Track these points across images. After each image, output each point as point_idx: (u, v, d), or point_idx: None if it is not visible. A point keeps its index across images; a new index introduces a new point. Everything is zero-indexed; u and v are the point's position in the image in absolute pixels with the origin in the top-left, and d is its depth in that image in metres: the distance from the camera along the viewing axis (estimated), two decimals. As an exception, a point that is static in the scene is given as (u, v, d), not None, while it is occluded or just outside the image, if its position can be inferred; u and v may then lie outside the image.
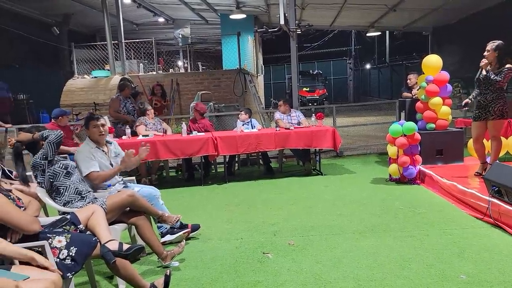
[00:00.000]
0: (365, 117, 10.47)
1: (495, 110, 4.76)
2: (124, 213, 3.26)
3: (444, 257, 3.24)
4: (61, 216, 2.70)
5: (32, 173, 3.13)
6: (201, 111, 7.04)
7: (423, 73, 6.09)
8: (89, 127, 3.65)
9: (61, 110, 6.39)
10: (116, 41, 11.55)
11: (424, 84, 5.92)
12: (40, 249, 2.25)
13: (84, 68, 12.54)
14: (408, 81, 7.16)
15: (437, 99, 5.89)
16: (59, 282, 2.02)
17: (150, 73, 12.23)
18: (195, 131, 6.61)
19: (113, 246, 2.52)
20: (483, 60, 4.74)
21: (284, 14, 6.77)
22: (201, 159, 6.62)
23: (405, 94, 7.14)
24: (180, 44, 15.80)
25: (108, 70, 11.71)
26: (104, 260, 2.50)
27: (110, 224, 2.99)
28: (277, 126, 6.68)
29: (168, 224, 3.65)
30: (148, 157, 5.97)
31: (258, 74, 15.48)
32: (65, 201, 3.10)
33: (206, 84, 11.64)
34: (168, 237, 3.81)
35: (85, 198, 3.17)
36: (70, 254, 2.33)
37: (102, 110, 9.35)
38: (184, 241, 3.59)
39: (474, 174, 5.13)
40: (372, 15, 12.95)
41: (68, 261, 2.31)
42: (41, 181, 3.07)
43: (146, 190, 3.75)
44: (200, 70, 14.24)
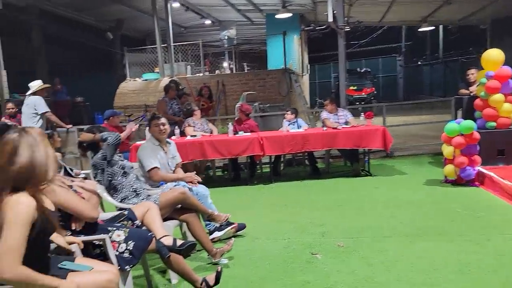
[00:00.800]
0: (417, 116, 10.06)
1: None
2: (176, 210, 3.35)
3: (509, 263, 3.04)
4: (119, 212, 2.83)
5: (92, 172, 3.30)
6: (246, 112, 7.08)
7: (483, 69, 5.75)
8: (151, 126, 3.90)
9: (112, 111, 6.69)
10: (165, 44, 11.93)
11: (484, 80, 5.58)
12: (101, 242, 2.36)
13: (135, 71, 13.07)
14: (471, 76, 6.71)
15: (499, 96, 5.53)
16: (118, 274, 2.11)
17: (197, 75, 12.51)
18: (241, 131, 6.66)
19: (168, 242, 2.60)
20: None
21: (333, 11, 6.66)
22: (247, 159, 6.67)
23: (462, 91, 6.75)
24: (226, 46, 16.03)
25: (158, 73, 12.12)
26: (159, 255, 2.59)
27: (163, 221, 3.08)
28: (324, 126, 6.58)
29: (217, 223, 3.71)
30: (196, 157, 6.13)
31: (304, 74, 15.36)
32: (122, 198, 3.26)
33: (251, 85, 11.72)
34: (216, 234, 3.87)
35: (140, 195, 3.31)
36: (128, 248, 2.43)
37: (153, 112, 9.66)
38: (233, 239, 3.63)
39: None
40: (425, 9, 12.40)
41: (127, 255, 2.41)
42: (100, 180, 3.25)
43: (196, 189, 3.84)
44: (245, 71, 14.37)
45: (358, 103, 16.72)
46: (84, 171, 4.96)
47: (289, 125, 6.83)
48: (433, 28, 16.97)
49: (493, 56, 5.63)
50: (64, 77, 13.99)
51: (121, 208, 3.09)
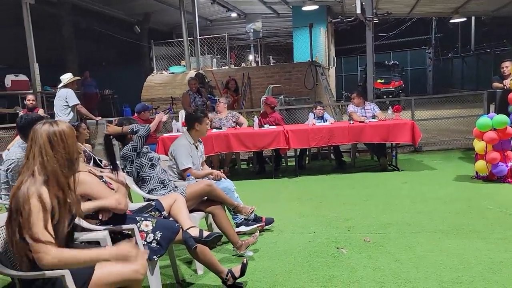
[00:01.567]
0: (446, 110, 9.75)
1: None
2: (202, 202, 3.39)
3: (543, 264, 2.93)
4: (147, 203, 2.88)
5: (121, 163, 3.37)
6: (272, 105, 7.05)
7: (517, 61, 5.51)
8: (202, 123, 3.93)
9: (143, 106, 6.70)
10: (192, 38, 12.01)
11: (519, 73, 5.36)
12: (130, 232, 2.42)
13: (162, 64, 13.23)
14: (505, 69, 6.44)
15: (534, 90, 5.30)
16: (146, 264, 2.15)
17: (223, 68, 12.56)
18: (267, 125, 6.65)
19: (194, 233, 2.63)
20: None
21: (361, 3, 6.53)
22: (272, 152, 6.66)
23: (496, 85, 6.51)
24: (252, 38, 16.01)
25: (184, 66, 12.23)
26: (186, 245, 2.63)
27: (189, 212, 3.13)
28: (351, 120, 6.49)
29: (243, 215, 3.73)
30: (221, 149, 6.17)
31: (330, 66, 15.17)
32: (150, 189, 3.32)
33: (277, 78, 11.67)
34: (243, 228, 3.89)
35: (167, 187, 3.36)
36: (156, 238, 2.47)
37: (179, 104, 9.79)
38: (258, 232, 3.64)
39: None
40: (457, 0, 11.98)
41: (154, 245, 2.46)
42: (129, 171, 3.32)
43: (222, 183, 3.86)
44: (271, 64, 14.31)
45: (386, 97, 16.40)
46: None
47: (315, 119, 6.76)
48: (465, 20, 16.38)
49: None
50: (93, 70, 14.33)
51: (149, 199, 3.15)
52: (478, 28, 20.54)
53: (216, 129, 6.49)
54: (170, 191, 3.29)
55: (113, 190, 2.60)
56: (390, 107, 6.62)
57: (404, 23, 21.66)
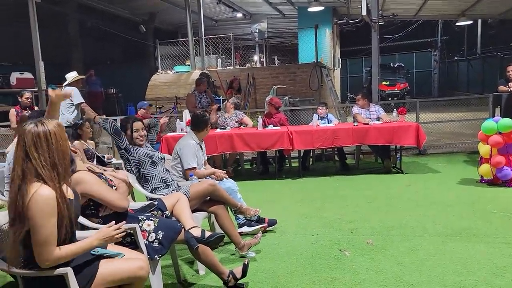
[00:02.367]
0: (452, 113, 9.70)
1: None
2: (205, 202, 3.38)
3: (548, 270, 2.90)
4: (149, 202, 2.88)
5: (122, 163, 3.39)
6: (276, 105, 7.04)
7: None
8: (209, 126, 4.06)
9: (144, 103, 7.04)
10: (197, 37, 12.03)
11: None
12: (132, 231, 2.42)
13: (167, 64, 13.26)
14: (511, 73, 6.40)
15: (541, 93, 5.26)
16: (148, 263, 2.15)
17: (228, 68, 12.56)
18: (271, 125, 6.64)
19: (196, 233, 2.63)
20: None
21: (367, 4, 6.50)
22: (276, 153, 6.65)
23: (502, 88, 6.47)
24: (257, 39, 16.02)
25: (189, 66, 12.25)
26: (188, 245, 2.63)
27: (192, 212, 3.12)
28: (355, 121, 6.46)
29: (246, 216, 3.72)
30: (225, 149, 6.17)
31: (335, 68, 15.14)
32: (152, 188, 3.32)
33: (282, 78, 11.66)
34: (245, 229, 3.89)
35: (170, 186, 3.36)
36: (158, 238, 2.47)
37: (183, 104, 9.80)
38: (261, 233, 3.63)
39: None
40: (464, 3, 11.90)
41: (156, 244, 2.46)
42: (129, 169, 3.32)
43: (226, 183, 3.86)
44: (276, 64, 14.31)
45: (391, 99, 16.34)
46: (117, 161, 5.11)
47: (319, 120, 6.75)
48: (471, 22, 16.27)
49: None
50: (98, 69, 14.37)
51: (152, 198, 3.15)
52: (485, 31, 20.41)
53: (220, 128, 6.49)
54: (173, 191, 3.29)
55: (114, 187, 2.61)
56: (395, 109, 6.59)
57: (410, 25, 21.56)
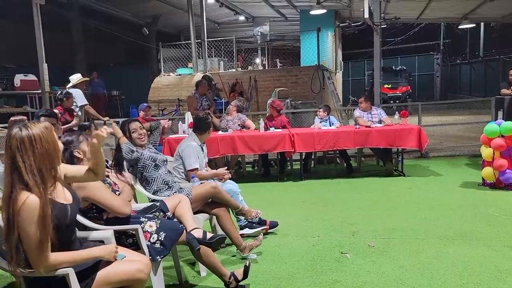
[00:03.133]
0: (454, 116, 9.70)
1: None
2: (206, 204, 3.39)
3: (550, 273, 2.89)
4: (152, 203, 2.89)
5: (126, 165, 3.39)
6: (278, 108, 7.05)
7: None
8: (207, 131, 4.07)
9: (143, 104, 7.27)
10: (199, 40, 12.06)
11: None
12: (134, 232, 2.43)
13: (170, 66, 13.29)
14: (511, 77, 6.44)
15: (543, 97, 5.26)
16: (149, 264, 2.16)
17: (230, 71, 12.59)
18: (273, 128, 6.65)
19: (198, 234, 2.63)
20: None
21: (369, 7, 6.51)
22: (277, 155, 6.65)
23: (504, 91, 6.48)
24: (259, 42, 16.05)
25: (191, 68, 12.27)
26: (189, 247, 2.63)
27: (194, 214, 3.13)
28: (357, 124, 6.47)
29: (248, 218, 3.73)
30: (227, 152, 6.17)
31: (337, 71, 15.15)
32: (154, 190, 3.33)
33: (284, 81, 11.68)
34: (247, 231, 3.89)
35: (172, 188, 3.37)
36: (160, 239, 2.48)
37: (185, 106, 9.81)
38: (262, 235, 3.64)
39: None
40: (467, 6, 11.91)
41: (158, 245, 2.46)
42: (132, 171, 3.32)
43: (227, 185, 3.87)
44: (278, 67, 14.33)
45: (392, 102, 16.33)
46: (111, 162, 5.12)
47: (321, 122, 6.75)
48: (474, 26, 16.27)
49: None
50: (101, 71, 14.42)
51: (154, 200, 3.16)
52: (487, 34, 20.39)
53: (222, 131, 6.51)
54: (175, 193, 3.30)
55: (118, 192, 2.62)
56: (397, 112, 6.59)
57: (412, 28, 21.58)
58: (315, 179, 6.41)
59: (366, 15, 6.48)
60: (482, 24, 19.57)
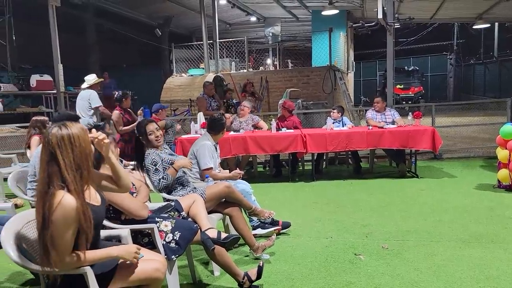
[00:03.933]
0: (467, 117, 9.58)
1: None
2: (220, 204, 3.40)
3: None
4: (167, 203, 2.91)
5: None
6: (289, 109, 7.04)
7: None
8: (220, 132, 4.11)
9: (160, 105, 6.96)
10: (211, 41, 12.12)
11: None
12: (149, 231, 2.45)
13: (182, 67, 13.39)
14: None
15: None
16: (166, 263, 2.18)
17: (241, 71, 12.62)
18: (284, 128, 6.64)
19: (212, 234, 2.65)
20: None
21: (382, 7, 6.47)
22: (289, 156, 6.64)
23: (520, 92, 6.37)
24: (270, 42, 16.06)
25: (203, 69, 12.34)
26: (204, 246, 2.65)
27: (207, 214, 3.15)
28: (369, 125, 6.43)
29: (260, 219, 3.73)
30: (238, 152, 6.19)
31: (349, 71, 15.08)
32: (169, 190, 3.35)
33: (295, 82, 11.67)
34: (259, 231, 3.89)
35: (186, 188, 3.39)
36: (175, 238, 2.50)
37: (196, 107, 9.86)
38: (275, 235, 3.64)
39: None
40: (481, 6, 11.76)
41: (173, 245, 2.49)
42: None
43: (240, 186, 3.88)
44: (289, 68, 14.31)
45: (405, 102, 16.19)
46: (132, 162, 5.18)
47: (334, 123, 6.72)
48: (488, 26, 16.04)
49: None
50: (115, 72, 14.58)
51: (168, 199, 3.19)
52: (502, 34, 20.09)
53: (234, 132, 6.53)
54: (189, 192, 3.32)
55: (134, 193, 2.64)
56: (410, 113, 6.53)
57: (425, 29, 21.36)
58: (327, 180, 6.39)
59: (380, 16, 6.44)
60: (497, 24, 19.30)
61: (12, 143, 7.92)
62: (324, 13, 11.77)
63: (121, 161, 4.17)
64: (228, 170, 4.29)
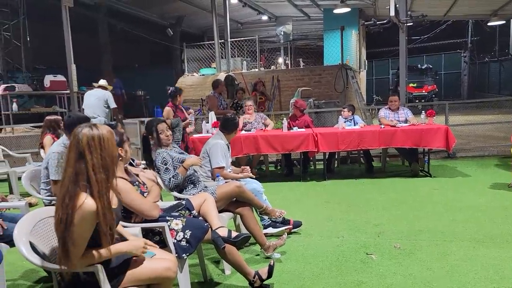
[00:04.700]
0: (482, 116, 9.43)
1: None
2: (231, 203, 3.41)
3: None
4: (177, 202, 2.93)
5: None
6: (301, 108, 7.00)
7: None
8: (233, 131, 4.17)
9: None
10: (222, 40, 12.14)
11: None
12: (160, 230, 2.47)
13: (193, 67, 13.44)
14: None
15: None
16: (177, 262, 2.19)
17: (253, 70, 12.61)
18: (296, 127, 6.62)
19: (223, 233, 2.66)
20: None
21: (395, 5, 6.40)
22: (300, 155, 6.62)
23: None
24: (282, 41, 16.01)
25: (215, 68, 12.37)
26: (215, 245, 2.66)
27: (218, 213, 3.15)
28: (381, 124, 6.36)
29: (271, 218, 3.73)
30: (250, 151, 6.19)
31: (361, 70, 14.96)
32: (180, 189, 3.37)
33: (307, 80, 11.62)
34: (270, 230, 3.89)
35: (197, 187, 3.41)
36: (185, 237, 2.51)
37: (207, 106, 9.89)
38: (286, 234, 3.63)
39: None
40: (496, 2, 11.54)
41: (184, 243, 2.50)
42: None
43: (251, 185, 3.88)
44: (301, 67, 14.26)
45: (418, 101, 16.00)
46: (144, 161, 5.22)
47: (346, 122, 6.68)
48: (503, 23, 15.75)
49: None
50: (127, 71, 14.73)
51: (179, 198, 3.20)
52: (518, 31, 19.68)
53: (245, 130, 6.53)
54: (200, 191, 3.34)
55: (145, 193, 2.66)
56: (423, 112, 6.45)
57: (439, 26, 21.08)
58: (339, 179, 6.35)
59: (392, 13, 6.37)
60: (512, 21, 18.92)
61: (27, 143, 8.07)
62: (336, 11, 11.70)
63: (133, 161, 4.20)
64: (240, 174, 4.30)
